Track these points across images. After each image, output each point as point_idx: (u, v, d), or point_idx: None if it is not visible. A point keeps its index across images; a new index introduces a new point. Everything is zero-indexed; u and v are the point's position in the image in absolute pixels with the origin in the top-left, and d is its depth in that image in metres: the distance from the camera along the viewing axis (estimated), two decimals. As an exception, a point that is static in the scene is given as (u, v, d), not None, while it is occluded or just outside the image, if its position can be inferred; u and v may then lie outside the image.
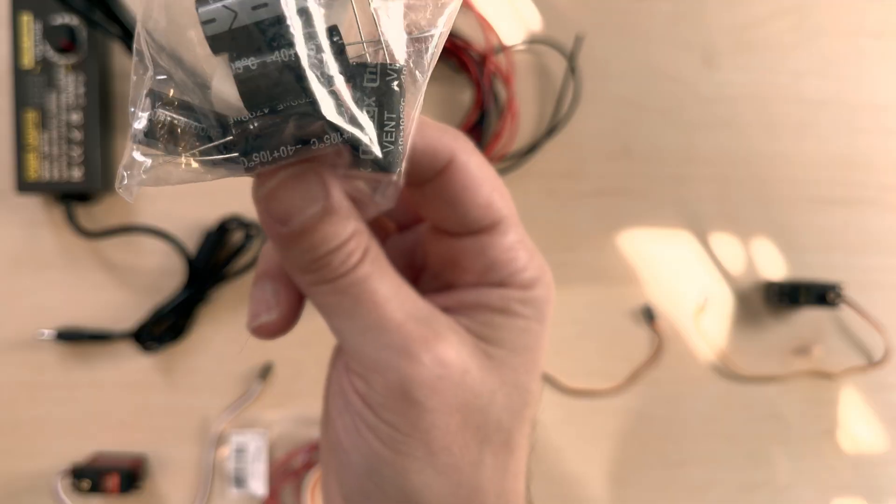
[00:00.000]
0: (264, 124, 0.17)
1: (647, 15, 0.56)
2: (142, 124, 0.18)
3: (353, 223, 0.20)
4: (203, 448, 0.54)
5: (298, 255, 0.20)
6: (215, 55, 0.17)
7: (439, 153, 0.21)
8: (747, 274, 0.57)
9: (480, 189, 0.22)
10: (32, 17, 0.48)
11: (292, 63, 0.16)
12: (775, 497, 0.58)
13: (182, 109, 0.18)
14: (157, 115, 0.17)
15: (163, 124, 0.17)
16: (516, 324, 0.22)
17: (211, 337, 0.54)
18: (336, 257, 0.20)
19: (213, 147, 0.18)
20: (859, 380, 0.58)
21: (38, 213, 0.52)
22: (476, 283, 0.23)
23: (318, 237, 0.19)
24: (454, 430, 0.21)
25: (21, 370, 0.53)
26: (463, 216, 0.22)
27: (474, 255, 0.22)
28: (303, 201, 0.19)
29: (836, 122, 0.57)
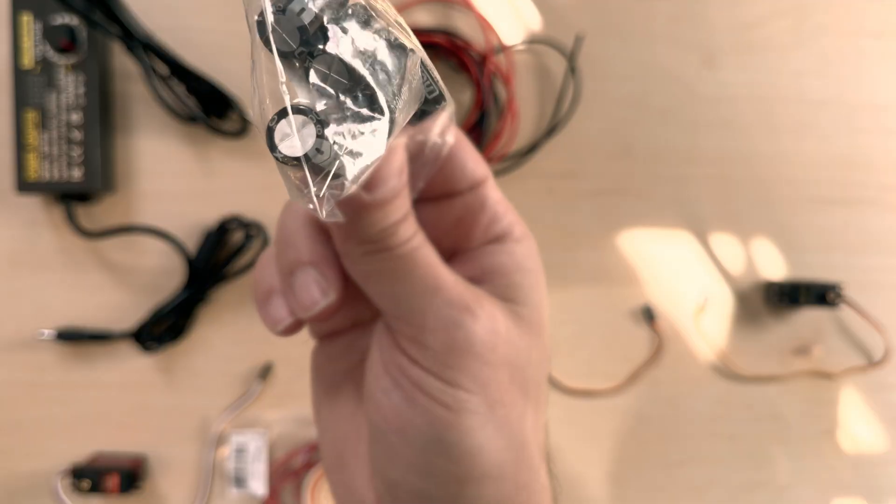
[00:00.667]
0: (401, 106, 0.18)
1: (647, 15, 0.56)
2: (312, 137, 0.18)
3: (408, 204, 0.21)
4: (203, 448, 0.54)
5: (373, 225, 0.20)
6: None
7: (478, 173, 0.24)
8: (747, 274, 0.57)
9: (469, 148, 0.23)
10: (32, 17, 0.48)
11: (396, 43, 0.18)
12: (775, 497, 0.58)
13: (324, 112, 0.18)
14: (316, 116, 0.18)
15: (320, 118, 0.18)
16: (530, 280, 0.23)
17: (211, 337, 0.54)
18: (398, 227, 0.21)
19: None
20: (859, 380, 0.58)
21: (38, 213, 0.52)
22: (481, 242, 0.24)
23: (395, 206, 0.20)
24: (505, 385, 0.22)
25: (21, 370, 0.53)
26: (463, 172, 0.23)
27: (477, 210, 0.24)
28: (393, 171, 0.20)
29: (836, 122, 0.57)
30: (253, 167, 0.53)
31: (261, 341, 0.54)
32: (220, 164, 0.53)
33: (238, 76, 0.52)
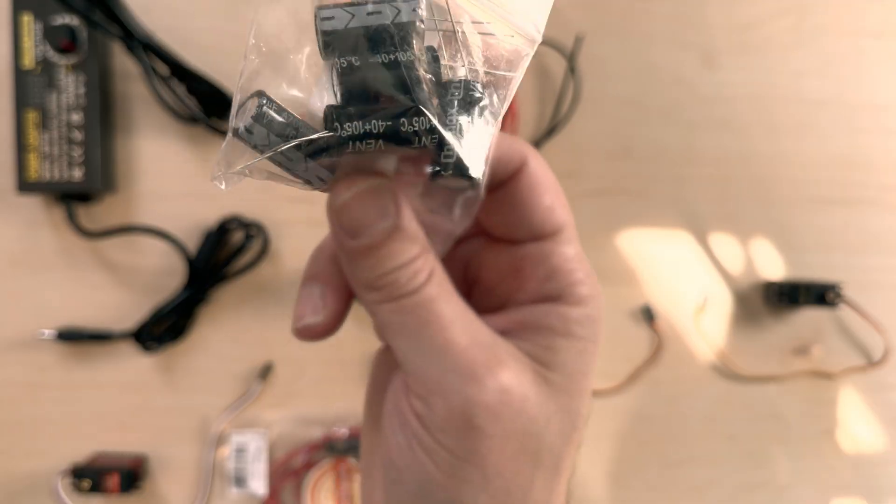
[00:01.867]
0: (358, 111, 0.19)
1: (647, 15, 0.56)
2: (245, 121, 0.19)
3: (419, 244, 0.21)
4: (203, 448, 0.54)
5: (365, 270, 0.20)
6: (324, 52, 0.19)
7: (514, 157, 0.22)
8: (747, 274, 0.57)
9: (546, 192, 0.22)
10: (33, 18, 0.48)
11: (394, 63, 0.18)
12: (775, 497, 0.58)
13: (281, 112, 0.19)
14: (263, 112, 0.19)
15: (265, 121, 0.19)
16: (575, 346, 0.22)
17: (211, 337, 0.54)
18: (402, 275, 0.20)
19: (304, 142, 0.19)
20: (859, 380, 0.58)
21: (39, 213, 0.52)
22: (533, 297, 0.23)
23: (385, 253, 0.20)
24: (509, 455, 0.21)
25: (21, 370, 0.53)
26: (528, 219, 0.22)
27: (535, 263, 0.23)
28: (374, 216, 0.20)
29: (836, 122, 0.57)
30: (253, 167, 0.53)
31: (261, 341, 0.54)
32: (220, 165, 0.53)
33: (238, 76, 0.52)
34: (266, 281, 0.54)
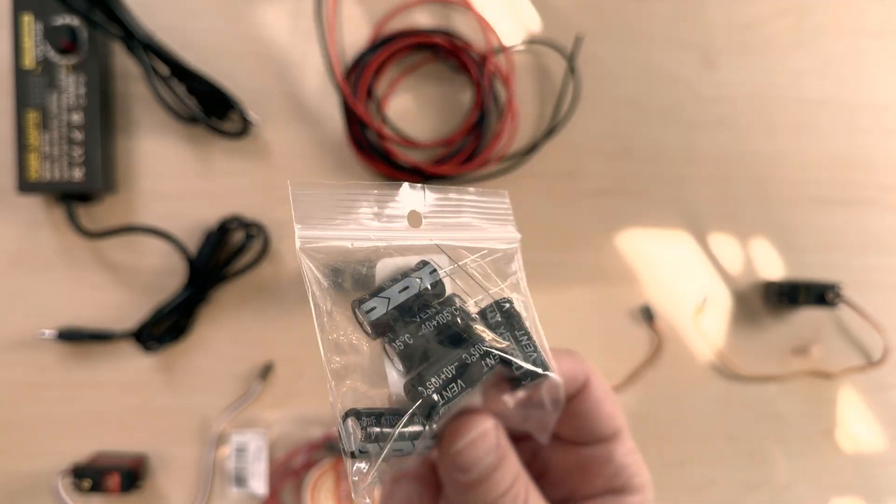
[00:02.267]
0: (432, 377, 0.22)
1: (646, 15, 0.56)
2: (357, 445, 0.21)
3: (516, 465, 0.24)
4: (203, 447, 0.54)
5: (476, 499, 0.23)
6: (375, 336, 0.22)
7: (579, 376, 0.26)
8: (746, 274, 0.57)
9: (607, 403, 0.26)
10: (33, 18, 0.48)
11: (440, 323, 0.22)
12: (774, 496, 0.58)
13: (379, 418, 0.22)
14: (367, 424, 0.21)
15: (372, 438, 0.21)
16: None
17: (211, 337, 0.54)
18: (506, 499, 0.23)
19: (405, 429, 0.22)
20: (858, 379, 0.58)
21: (39, 214, 0.52)
22: (601, 490, 0.26)
23: (493, 483, 0.23)
24: None
25: (22, 370, 0.53)
26: (594, 427, 0.26)
27: (602, 462, 0.26)
28: (483, 454, 0.23)
29: (835, 122, 0.57)
30: (253, 167, 0.53)
31: (261, 341, 0.54)
32: (220, 165, 0.53)
33: (238, 76, 0.52)
34: (266, 281, 0.54)
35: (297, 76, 0.53)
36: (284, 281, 0.54)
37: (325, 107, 0.54)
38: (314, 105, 0.54)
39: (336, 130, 0.54)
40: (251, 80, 0.53)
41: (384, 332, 0.22)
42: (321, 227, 0.21)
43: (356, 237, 0.22)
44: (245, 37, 0.53)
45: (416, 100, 0.54)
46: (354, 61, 0.53)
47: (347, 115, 0.52)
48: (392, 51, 0.53)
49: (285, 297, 0.54)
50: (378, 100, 0.54)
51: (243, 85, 0.52)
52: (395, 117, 0.54)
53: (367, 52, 0.53)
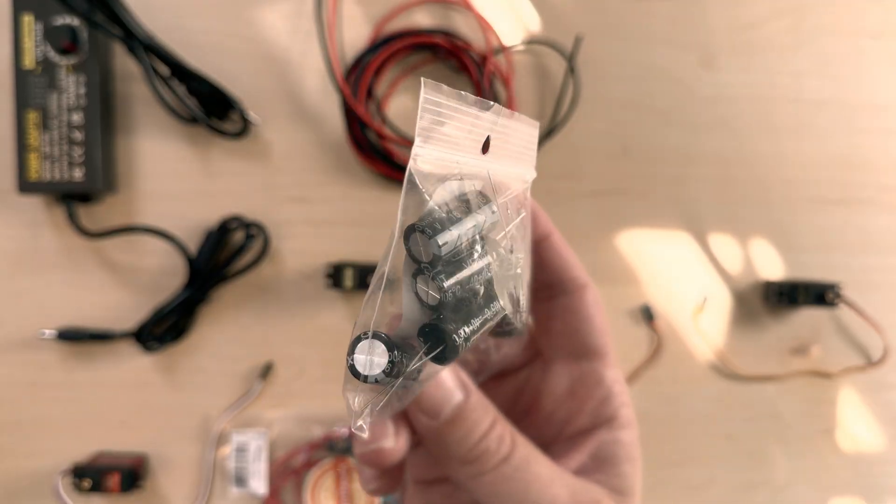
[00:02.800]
0: (461, 319, 0.20)
1: (646, 15, 0.56)
2: (380, 368, 0.19)
3: (492, 411, 0.23)
4: (204, 447, 0.54)
5: (455, 445, 0.22)
6: (418, 266, 0.20)
7: (580, 276, 0.26)
8: (746, 274, 0.57)
9: (601, 316, 0.26)
10: (34, 18, 0.48)
11: (483, 278, 0.20)
12: (774, 496, 0.58)
13: (397, 348, 0.19)
14: (393, 356, 0.19)
15: (396, 365, 0.19)
16: (634, 469, 0.25)
17: (212, 337, 0.54)
18: (490, 442, 0.22)
19: (421, 361, 0.20)
20: (858, 379, 0.58)
21: (40, 214, 0.52)
22: (591, 421, 0.26)
23: (467, 425, 0.22)
24: None
25: (22, 370, 0.53)
26: (587, 336, 0.26)
27: (593, 384, 0.26)
28: (446, 394, 0.22)
29: (835, 122, 0.57)
30: (254, 167, 0.53)
31: (261, 341, 0.54)
32: (220, 165, 0.53)
33: (238, 76, 0.52)
34: (266, 281, 0.54)
35: (297, 76, 0.53)
36: (284, 281, 0.54)
37: (325, 107, 0.54)
38: (314, 105, 0.54)
39: (336, 130, 0.54)
40: (251, 80, 0.53)
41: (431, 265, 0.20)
42: (433, 143, 0.19)
43: (451, 159, 0.19)
44: (245, 37, 0.53)
45: (416, 100, 0.54)
46: (354, 61, 0.53)
47: (347, 115, 0.52)
48: (392, 51, 0.53)
49: (285, 297, 0.54)
50: (378, 100, 0.54)
51: (243, 85, 0.52)
52: (395, 117, 0.54)
53: (367, 53, 0.53)
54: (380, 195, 0.54)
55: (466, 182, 0.20)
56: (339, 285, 0.51)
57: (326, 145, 0.54)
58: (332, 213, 0.54)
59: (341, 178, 0.54)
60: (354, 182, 0.54)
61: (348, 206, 0.54)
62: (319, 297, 0.54)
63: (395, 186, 0.54)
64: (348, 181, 0.54)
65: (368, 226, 0.54)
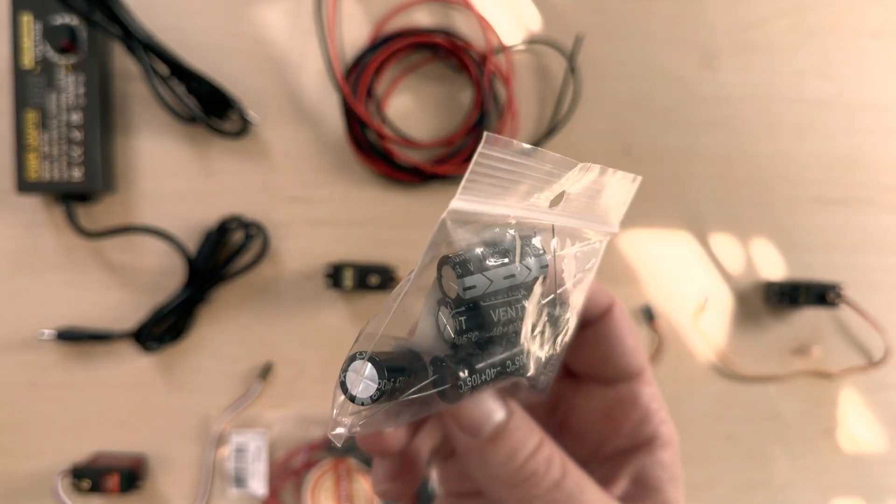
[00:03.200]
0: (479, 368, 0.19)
1: (646, 15, 0.56)
2: (369, 393, 0.18)
3: (537, 431, 0.22)
4: (203, 448, 0.54)
5: (500, 467, 0.21)
6: (454, 308, 0.19)
7: (603, 300, 0.25)
8: (747, 274, 0.57)
9: (631, 335, 0.25)
10: (33, 18, 0.48)
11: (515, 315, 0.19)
12: (774, 496, 0.58)
13: (390, 371, 0.19)
14: (385, 385, 0.18)
15: (386, 392, 0.19)
16: (679, 487, 0.24)
17: (211, 337, 0.54)
18: (537, 464, 0.21)
19: (420, 392, 0.19)
20: (859, 380, 0.58)
21: (39, 214, 0.52)
22: (630, 442, 0.24)
23: (512, 443, 0.21)
24: None
25: (21, 370, 0.53)
26: (619, 358, 0.24)
27: (627, 406, 0.25)
28: (487, 411, 0.21)
29: (836, 122, 0.57)
30: (253, 167, 0.53)
31: (261, 341, 0.54)
32: (220, 164, 0.53)
33: (238, 76, 0.52)
34: (266, 281, 0.54)
35: (296, 76, 0.53)
36: (284, 281, 0.54)
37: (325, 107, 0.53)
38: (314, 105, 0.54)
39: (336, 130, 0.54)
40: (251, 79, 0.53)
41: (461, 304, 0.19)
42: (479, 196, 0.18)
43: (504, 212, 0.19)
44: (245, 36, 0.53)
45: (416, 100, 0.54)
46: (354, 61, 0.53)
47: (347, 114, 0.52)
48: (392, 50, 0.53)
49: (285, 297, 0.54)
50: (378, 100, 0.54)
51: (243, 85, 0.52)
52: (395, 117, 0.54)
53: (367, 52, 0.53)
54: (380, 195, 0.54)
55: (520, 230, 0.20)
56: (339, 285, 0.51)
57: (326, 145, 0.54)
58: (332, 213, 0.54)
59: (341, 178, 0.54)
60: (354, 182, 0.54)
61: (348, 206, 0.54)
62: (319, 297, 0.54)
63: (395, 186, 0.54)
64: (348, 181, 0.54)
65: (368, 226, 0.54)
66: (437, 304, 0.19)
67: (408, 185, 0.54)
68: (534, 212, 0.20)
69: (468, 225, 0.18)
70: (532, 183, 0.19)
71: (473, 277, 0.18)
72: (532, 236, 0.20)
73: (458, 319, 0.19)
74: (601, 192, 0.22)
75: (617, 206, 0.23)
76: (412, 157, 0.54)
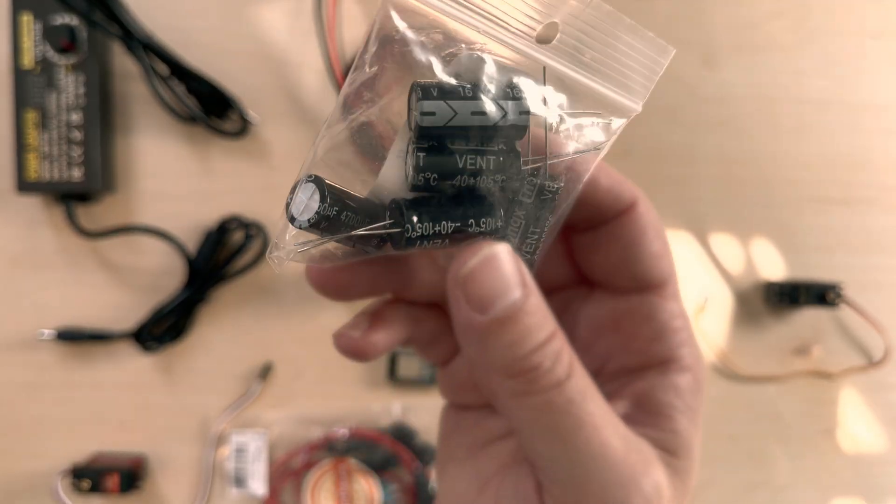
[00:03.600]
0: (430, 214, 0.17)
1: (648, 14, 0.55)
2: (308, 216, 0.17)
3: (552, 322, 0.18)
4: (203, 448, 0.54)
5: (501, 352, 0.18)
6: (415, 139, 0.18)
7: (624, 194, 0.21)
8: (747, 274, 0.57)
9: (656, 238, 0.21)
10: (32, 17, 0.48)
11: (481, 167, 0.17)
12: (775, 497, 0.58)
13: (340, 204, 0.18)
14: (325, 209, 0.17)
15: (327, 217, 0.17)
16: (694, 423, 0.21)
17: (211, 337, 0.54)
18: (544, 358, 0.18)
19: (369, 230, 0.18)
20: (859, 380, 0.58)
21: (39, 213, 0.52)
22: (639, 361, 0.21)
23: (521, 328, 0.17)
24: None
25: (21, 370, 0.53)
26: (635, 264, 0.21)
27: (640, 319, 0.21)
28: (504, 285, 0.17)
29: (837, 122, 0.57)
30: (253, 167, 0.53)
31: (261, 341, 0.54)
32: (220, 164, 0.53)
33: (238, 76, 0.52)
34: (266, 281, 0.54)
35: (296, 76, 0.53)
36: (284, 281, 0.54)
37: (325, 106, 0.53)
38: (314, 105, 0.54)
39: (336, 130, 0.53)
40: (251, 79, 0.53)
41: (424, 140, 0.17)
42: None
43: (463, 17, 0.16)
44: (245, 36, 0.53)
45: (416, 99, 0.54)
46: (354, 61, 0.53)
47: (347, 114, 0.52)
48: (392, 50, 0.53)
49: (285, 297, 0.54)
50: (378, 99, 0.54)
51: (243, 84, 0.52)
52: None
53: (367, 52, 0.53)
54: (380, 195, 0.54)
55: (501, 66, 0.17)
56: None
57: (326, 145, 0.54)
58: (332, 213, 0.54)
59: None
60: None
61: (348, 206, 0.54)
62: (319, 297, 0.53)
63: (395, 186, 0.54)
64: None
65: (368, 226, 0.54)
66: (407, 147, 0.18)
67: (408, 185, 0.54)
68: (513, 39, 0.17)
69: (428, 32, 0.16)
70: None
71: (434, 103, 0.17)
72: (515, 74, 0.17)
73: (418, 155, 0.17)
74: (614, 46, 0.18)
75: (640, 73, 0.19)
76: (412, 157, 0.54)
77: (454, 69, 0.17)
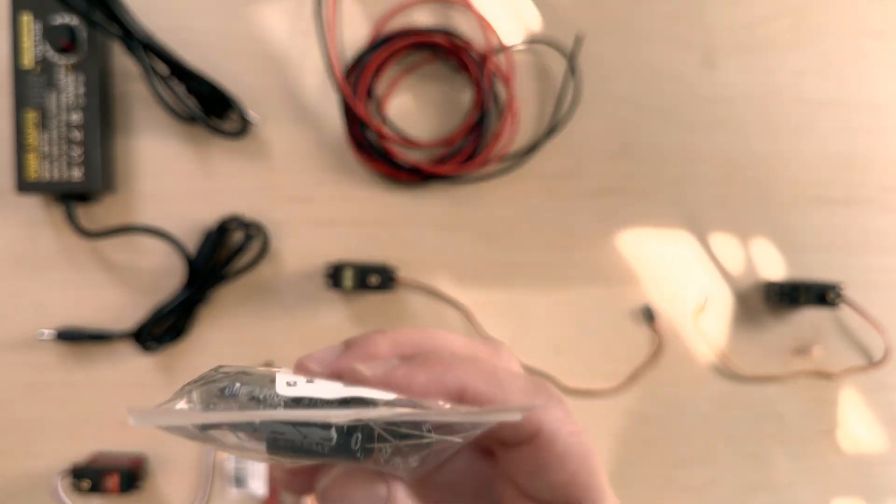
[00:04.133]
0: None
1: (646, 15, 0.56)
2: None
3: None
4: (203, 448, 0.54)
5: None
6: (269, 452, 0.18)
7: (524, 426, 0.19)
8: (747, 274, 0.57)
9: (564, 465, 0.19)
10: (32, 17, 0.48)
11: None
12: (775, 497, 0.58)
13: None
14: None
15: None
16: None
17: (211, 337, 0.54)
18: None
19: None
20: (859, 380, 0.58)
21: (39, 213, 0.52)
22: None
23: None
24: None
25: (21, 370, 0.53)
26: (542, 492, 0.20)
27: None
28: (364, 499, 0.17)
29: (836, 122, 0.57)
30: (253, 167, 0.53)
31: (261, 341, 0.54)
32: (220, 164, 0.53)
33: (238, 76, 0.52)
34: (266, 281, 0.54)
35: (296, 76, 0.53)
36: (284, 281, 0.54)
37: (325, 106, 0.53)
38: (314, 105, 0.54)
39: (336, 130, 0.54)
40: (251, 79, 0.53)
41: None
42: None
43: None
44: (245, 36, 0.53)
45: (416, 100, 0.54)
46: (354, 61, 0.53)
47: (347, 114, 0.52)
48: (392, 50, 0.53)
49: (285, 297, 0.54)
50: (378, 99, 0.54)
51: (243, 84, 0.52)
52: (395, 117, 0.54)
53: (367, 52, 0.53)
54: (380, 195, 0.54)
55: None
56: (339, 285, 0.51)
57: (326, 145, 0.54)
58: (332, 213, 0.54)
59: (341, 178, 0.54)
60: (354, 182, 0.54)
61: (348, 206, 0.54)
62: (319, 298, 0.54)
63: (396, 186, 0.54)
64: (348, 181, 0.54)
65: (368, 226, 0.54)
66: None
67: (408, 185, 0.54)
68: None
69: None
70: None
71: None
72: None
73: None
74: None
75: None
76: (412, 157, 0.54)
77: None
